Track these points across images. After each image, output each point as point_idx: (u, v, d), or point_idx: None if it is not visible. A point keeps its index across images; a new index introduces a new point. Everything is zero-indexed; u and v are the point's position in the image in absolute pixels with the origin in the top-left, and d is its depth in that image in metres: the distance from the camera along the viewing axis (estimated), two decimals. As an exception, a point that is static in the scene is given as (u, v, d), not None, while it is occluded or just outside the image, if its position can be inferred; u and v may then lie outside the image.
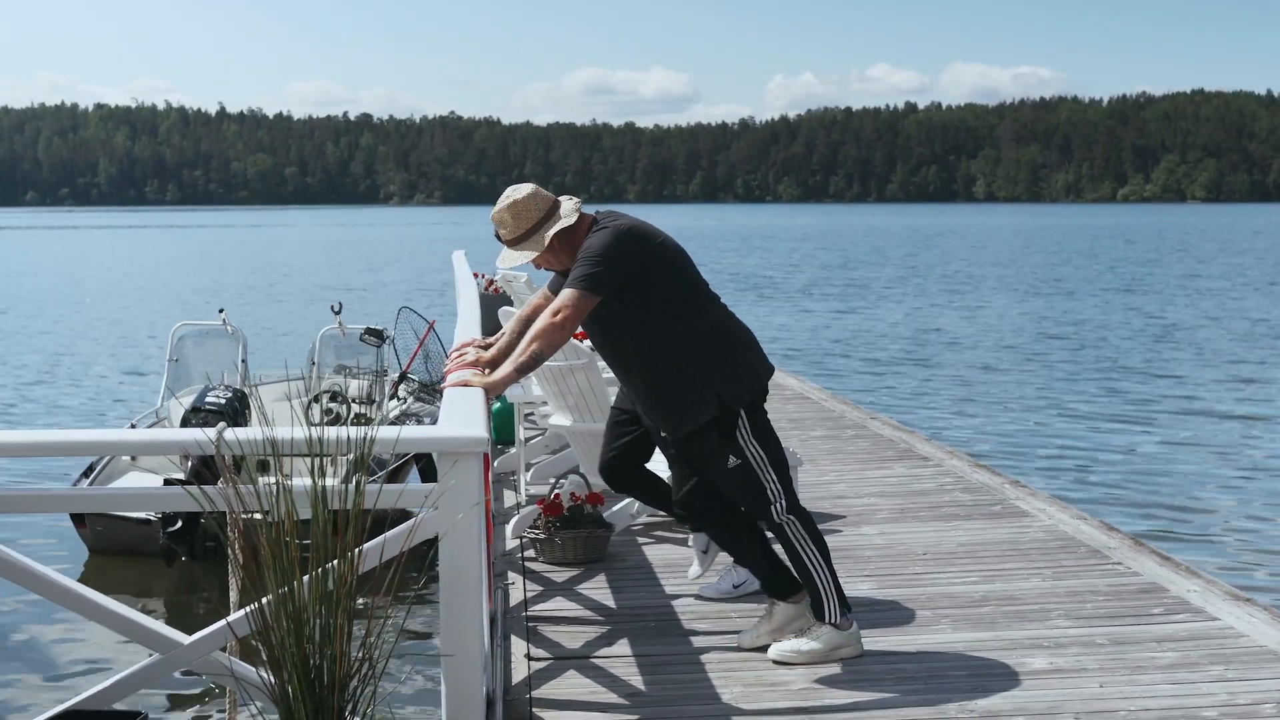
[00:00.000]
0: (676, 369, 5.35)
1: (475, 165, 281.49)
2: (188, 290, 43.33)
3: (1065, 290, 41.05)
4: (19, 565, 4.19)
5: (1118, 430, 16.43)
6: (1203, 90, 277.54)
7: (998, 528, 7.72)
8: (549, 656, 5.64)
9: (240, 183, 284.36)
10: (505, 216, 5.43)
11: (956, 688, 5.13)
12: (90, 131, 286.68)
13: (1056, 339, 27.16)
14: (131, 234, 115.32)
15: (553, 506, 7.15)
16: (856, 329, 30.00)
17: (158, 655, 4.25)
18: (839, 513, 8.16)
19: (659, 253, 5.35)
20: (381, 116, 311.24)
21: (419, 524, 4.09)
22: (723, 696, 5.11)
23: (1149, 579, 6.56)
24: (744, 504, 5.51)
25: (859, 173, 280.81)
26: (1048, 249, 72.30)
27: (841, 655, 5.46)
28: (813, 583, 5.48)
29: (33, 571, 4.19)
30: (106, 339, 29.07)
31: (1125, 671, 5.26)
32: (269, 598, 3.77)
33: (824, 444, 10.58)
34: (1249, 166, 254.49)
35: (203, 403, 10.98)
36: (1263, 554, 10.73)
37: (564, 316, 5.18)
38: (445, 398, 4.94)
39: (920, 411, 18.05)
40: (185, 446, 4.10)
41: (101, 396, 20.61)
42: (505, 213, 5.44)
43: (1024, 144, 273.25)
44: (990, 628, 5.88)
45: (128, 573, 10.06)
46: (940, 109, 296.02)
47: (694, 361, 5.34)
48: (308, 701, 3.75)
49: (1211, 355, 24.06)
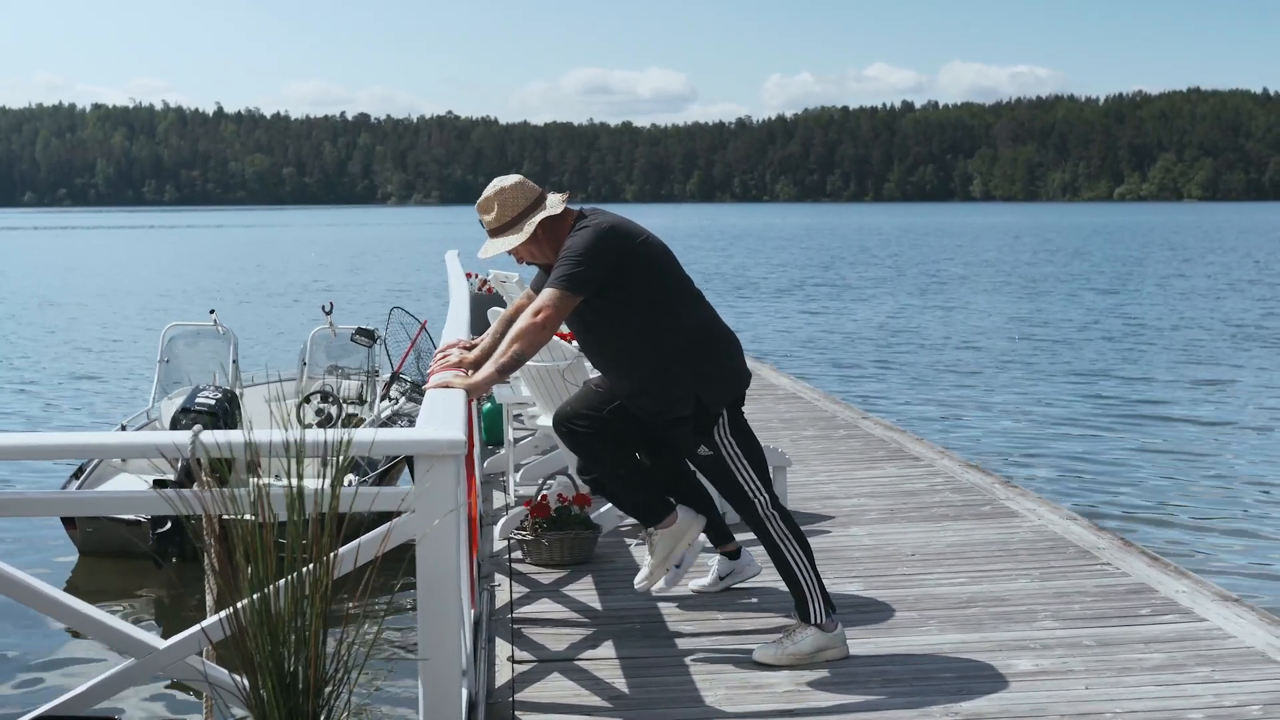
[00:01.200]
0: (661, 367, 5.36)
1: (473, 165, 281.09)
2: (179, 290, 43.26)
3: (1041, 290, 41.00)
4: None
5: (1108, 430, 16.40)
6: (1199, 89, 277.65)
7: (986, 528, 7.69)
8: (533, 659, 5.61)
9: (238, 183, 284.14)
10: (491, 204, 5.42)
11: (942, 690, 5.10)
12: (88, 132, 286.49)
13: (1035, 339, 27.14)
14: (127, 234, 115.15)
15: (540, 508, 7.12)
16: (827, 328, 29.97)
17: (133, 660, 4.21)
18: (828, 513, 8.12)
19: (640, 251, 5.33)
20: (379, 116, 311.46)
21: (395, 527, 4.05)
22: (706, 699, 5.08)
23: (1137, 579, 6.53)
24: (726, 500, 5.55)
25: (856, 172, 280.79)
26: (1034, 248, 72.30)
27: (827, 657, 5.43)
28: (797, 582, 5.45)
29: (4, 575, 4.15)
30: (98, 340, 29.01)
31: (1111, 673, 5.23)
32: (244, 602, 3.73)
33: (815, 444, 10.54)
34: (1245, 165, 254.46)
35: (193, 403, 10.96)
36: (1253, 554, 10.71)
37: (545, 316, 5.17)
38: (426, 399, 4.92)
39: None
40: (161, 449, 4.06)
41: (93, 397, 20.57)
42: (491, 200, 5.43)
43: (1021, 143, 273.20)
44: (977, 629, 5.85)
45: (117, 575, 10.03)
46: (937, 108, 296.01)
47: (677, 360, 5.34)
48: (282, 706, 3.72)
49: (1200, 356, 24.04)
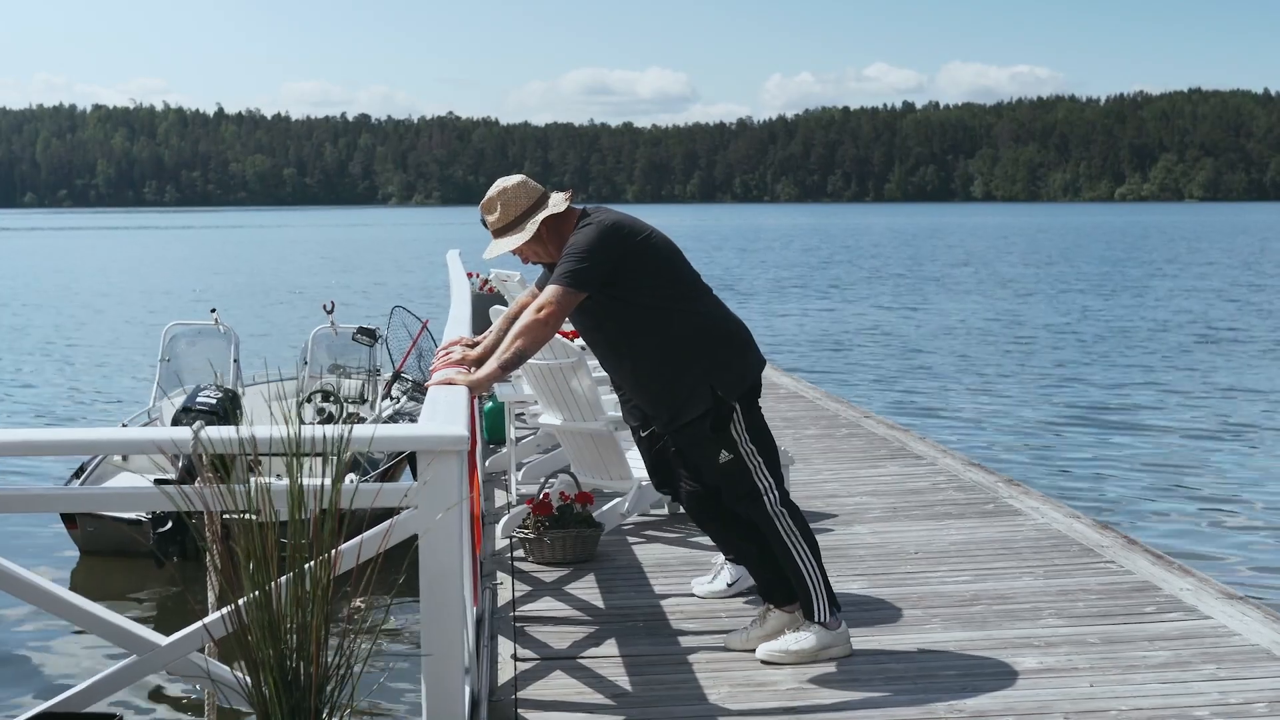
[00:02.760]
0: (670, 363, 5.32)
1: (473, 165, 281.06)
2: (181, 289, 43.27)
3: (1043, 290, 41.01)
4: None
5: (1112, 428, 16.39)
6: (1200, 89, 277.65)
7: (990, 526, 7.67)
8: (536, 657, 5.59)
9: (238, 184, 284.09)
10: (494, 204, 5.41)
11: (946, 687, 5.08)
12: (88, 132, 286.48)
13: (1040, 339, 27.14)
14: (128, 235, 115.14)
15: (542, 506, 7.11)
16: (828, 328, 29.98)
17: (135, 656, 4.20)
18: (831, 511, 8.11)
19: (645, 247, 5.31)
20: (379, 117, 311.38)
21: (397, 523, 4.04)
22: (710, 697, 5.07)
23: (1141, 578, 6.52)
24: (736, 497, 5.44)
25: (857, 172, 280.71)
26: (1023, 249, 72.29)
27: (831, 655, 5.41)
28: (802, 580, 5.43)
29: (5, 571, 4.14)
30: (99, 339, 29.01)
31: (1116, 671, 5.21)
32: (246, 599, 3.72)
33: (818, 443, 10.53)
34: (1246, 165, 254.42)
35: (194, 402, 10.95)
36: (1257, 552, 10.69)
37: (548, 313, 5.15)
38: (428, 396, 4.91)
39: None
40: (160, 445, 4.05)
41: (94, 396, 20.57)
42: (494, 200, 5.42)
43: (1021, 143, 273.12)
44: (981, 627, 5.83)
45: (118, 573, 10.02)
46: (938, 108, 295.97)
47: (687, 354, 5.31)
48: (284, 703, 3.70)
49: (1207, 355, 24.04)
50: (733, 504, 5.50)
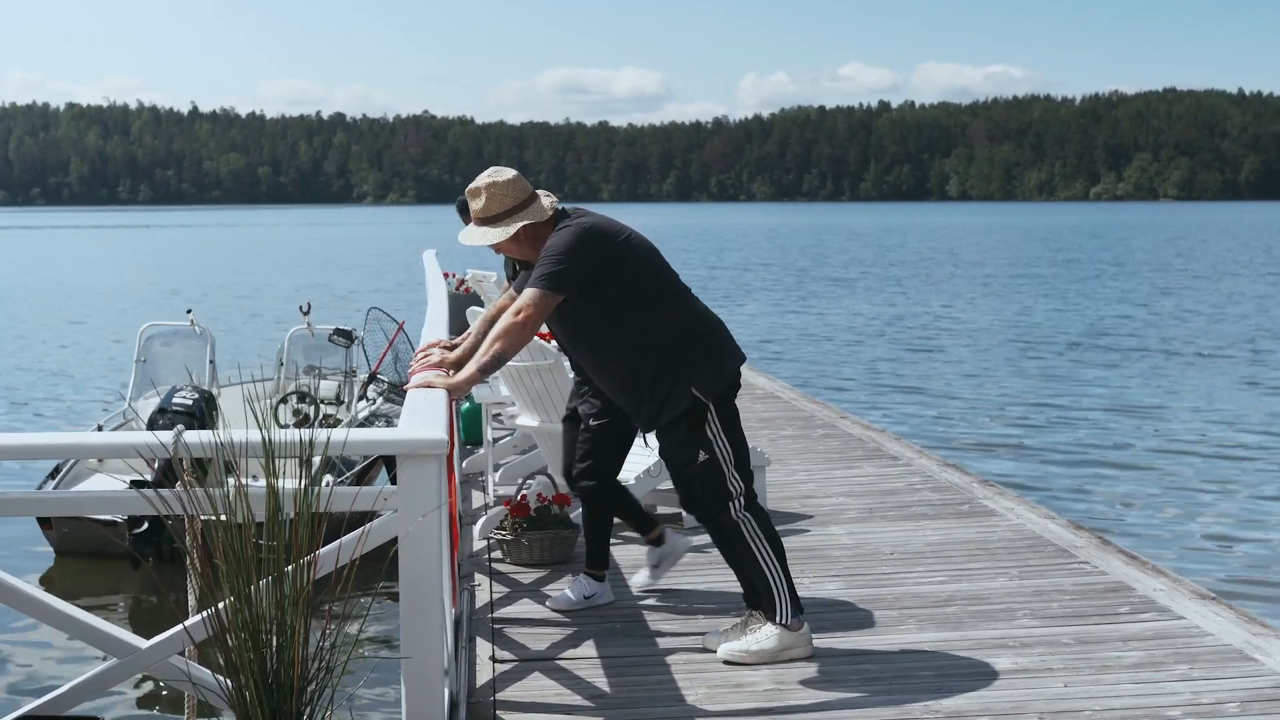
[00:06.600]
0: (648, 363, 5.35)
1: (449, 165, 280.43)
2: (156, 290, 43.08)
3: (1023, 288, 41.18)
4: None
5: (1086, 428, 16.47)
6: (1175, 89, 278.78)
7: (965, 527, 7.72)
8: (514, 659, 5.61)
9: (213, 182, 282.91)
10: (480, 192, 5.42)
11: (922, 688, 5.12)
12: (61, 131, 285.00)
13: (1018, 338, 27.24)
14: (102, 234, 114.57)
15: (519, 507, 7.12)
16: (803, 328, 30.05)
17: (114, 660, 4.20)
18: (807, 512, 8.14)
19: (622, 249, 5.34)
20: (355, 116, 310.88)
21: (376, 527, 4.05)
22: (687, 698, 5.09)
23: (1115, 578, 6.57)
24: (704, 498, 5.45)
25: (832, 172, 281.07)
26: (992, 246, 72.48)
27: (791, 656, 5.43)
28: (766, 582, 5.45)
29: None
30: (74, 339, 28.87)
31: (1090, 671, 5.25)
32: (225, 602, 3.73)
33: (794, 443, 10.57)
34: (1221, 165, 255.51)
35: (170, 403, 10.90)
36: (1230, 553, 10.77)
37: (526, 316, 5.17)
38: (407, 399, 4.92)
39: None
40: (138, 449, 4.05)
41: (69, 397, 20.48)
42: (481, 189, 5.43)
43: (997, 143, 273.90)
44: (956, 628, 5.87)
45: (94, 575, 9.99)
46: (913, 108, 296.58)
47: (665, 354, 5.33)
48: (265, 706, 3.72)
49: (1183, 355, 24.17)
50: (695, 509, 5.54)
